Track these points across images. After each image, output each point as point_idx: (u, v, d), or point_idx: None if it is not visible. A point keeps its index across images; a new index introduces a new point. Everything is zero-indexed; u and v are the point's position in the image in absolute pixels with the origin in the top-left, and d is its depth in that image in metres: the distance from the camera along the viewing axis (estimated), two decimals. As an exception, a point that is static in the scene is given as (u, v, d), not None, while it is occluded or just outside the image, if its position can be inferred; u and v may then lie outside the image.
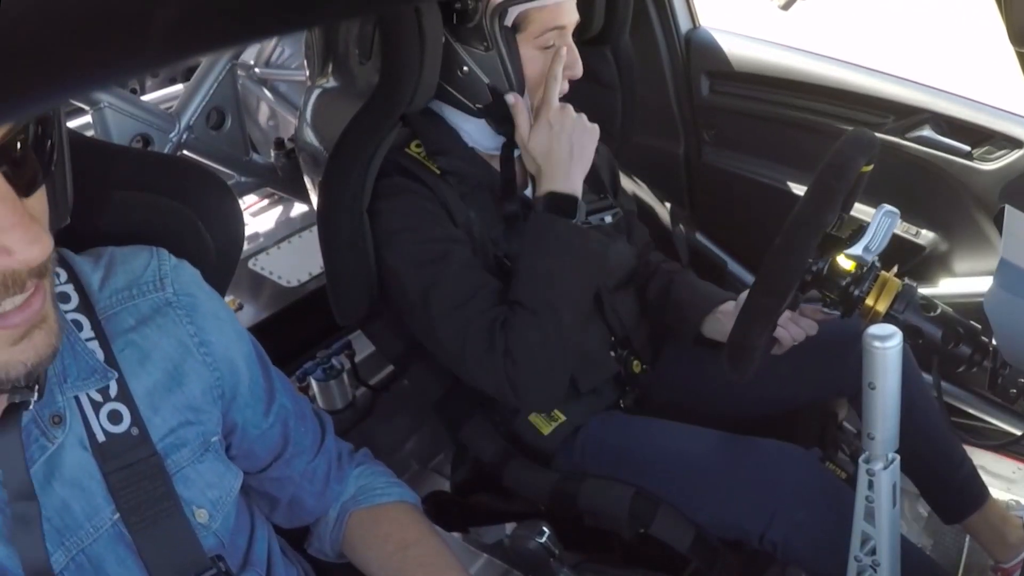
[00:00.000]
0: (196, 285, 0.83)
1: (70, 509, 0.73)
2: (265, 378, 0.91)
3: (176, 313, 0.80)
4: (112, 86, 1.73)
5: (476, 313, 1.14)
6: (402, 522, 0.99)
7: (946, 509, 1.44)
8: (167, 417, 0.78)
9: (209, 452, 0.82)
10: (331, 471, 0.98)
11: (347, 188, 1.15)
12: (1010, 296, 0.95)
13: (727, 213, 1.96)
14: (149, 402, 0.78)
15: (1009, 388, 1.01)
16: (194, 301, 0.82)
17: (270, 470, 0.93)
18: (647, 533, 1.18)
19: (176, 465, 0.79)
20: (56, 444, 0.73)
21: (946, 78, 1.73)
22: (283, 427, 0.92)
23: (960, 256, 1.65)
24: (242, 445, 0.89)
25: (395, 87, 1.12)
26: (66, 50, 0.22)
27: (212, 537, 0.81)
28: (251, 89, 2.34)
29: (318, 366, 1.87)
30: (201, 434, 0.81)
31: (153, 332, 0.79)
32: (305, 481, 0.96)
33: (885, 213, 1.05)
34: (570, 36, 1.19)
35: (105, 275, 0.79)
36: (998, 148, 1.52)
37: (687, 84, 1.88)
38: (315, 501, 0.98)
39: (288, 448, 0.93)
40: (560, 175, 1.18)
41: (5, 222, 0.52)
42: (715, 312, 1.32)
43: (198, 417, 0.81)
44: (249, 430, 0.89)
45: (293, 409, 0.94)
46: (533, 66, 1.17)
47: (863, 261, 1.06)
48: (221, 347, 0.83)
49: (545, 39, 1.16)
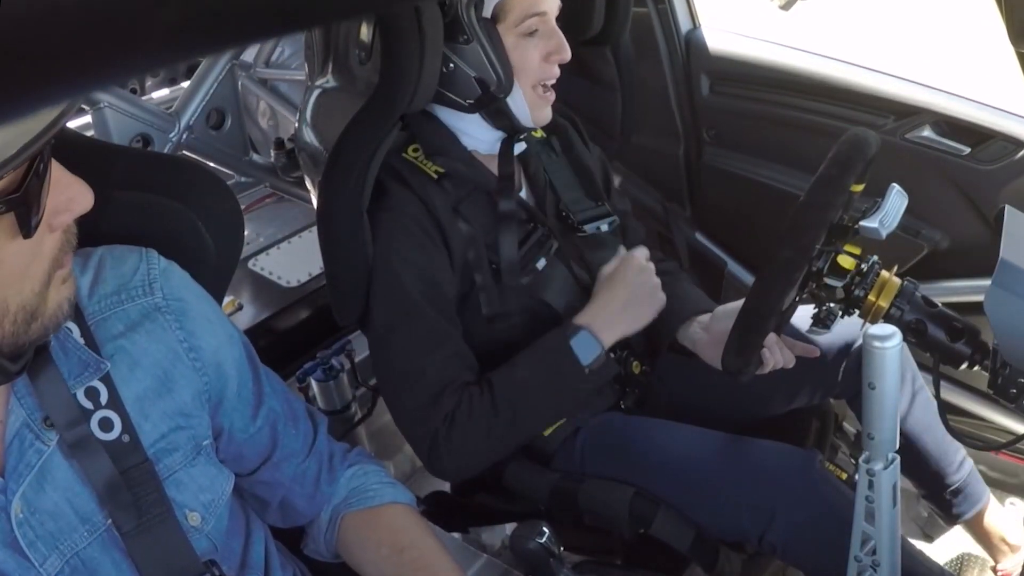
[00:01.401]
0: (186, 288, 0.83)
1: (64, 514, 0.73)
2: (255, 381, 0.90)
3: (165, 318, 0.80)
4: (112, 86, 1.73)
5: (434, 367, 1.15)
6: (396, 525, 0.98)
7: (946, 509, 1.44)
8: (157, 423, 0.79)
9: (201, 456, 0.82)
10: (321, 473, 0.97)
11: (347, 188, 1.15)
12: (1010, 296, 0.95)
13: (727, 213, 1.96)
14: (139, 408, 0.78)
15: (1009, 388, 1.01)
16: (183, 305, 0.82)
17: (258, 473, 0.93)
18: (647, 533, 1.18)
19: (168, 469, 0.79)
20: (52, 447, 0.73)
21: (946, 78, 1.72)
22: (271, 431, 0.92)
23: (960, 256, 1.65)
24: (229, 448, 0.89)
25: (395, 87, 1.12)
26: (67, 50, 0.22)
27: (205, 540, 0.81)
28: (251, 89, 2.34)
29: (318, 366, 1.87)
30: (192, 438, 0.81)
31: (142, 338, 0.79)
32: (295, 484, 0.95)
33: (897, 192, 1.05)
34: (553, 21, 1.18)
35: (94, 280, 0.79)
36: (998, 148, 1.52)
37: (687, 84, 1.88)
38: (306, 503, 0.97)
39: (276, 452, 0.93)
40: (606, 320, 1.20)
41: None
42: (693, 321, 1.30)
43: (188, 422, 0.81)
44: (236, 434, 0.88)
45: (283, 412, 0.93)
46: (518, 54, 1.16)
47: (877, 235, 1.04)
48: (210, 351, 0.83)
49: (527, 26, 1.15)
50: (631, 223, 1.49)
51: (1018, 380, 1.00)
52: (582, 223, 1.32)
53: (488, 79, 1.15)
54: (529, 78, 1.18)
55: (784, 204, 1.25)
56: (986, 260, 1.07)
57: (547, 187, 1.33)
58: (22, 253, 0.63)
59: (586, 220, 1.33)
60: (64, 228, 0.68)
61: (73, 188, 0.66)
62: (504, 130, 1.24)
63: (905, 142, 1.61)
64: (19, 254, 0.63)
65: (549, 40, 1.17)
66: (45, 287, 0.67)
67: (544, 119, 1.24)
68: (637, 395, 1.38)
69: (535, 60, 1.17)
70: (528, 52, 1.17)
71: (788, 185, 1.81)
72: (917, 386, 1.36)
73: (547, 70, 1.19)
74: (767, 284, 1.03)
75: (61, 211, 0.65)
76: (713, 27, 1.87)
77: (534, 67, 1.18)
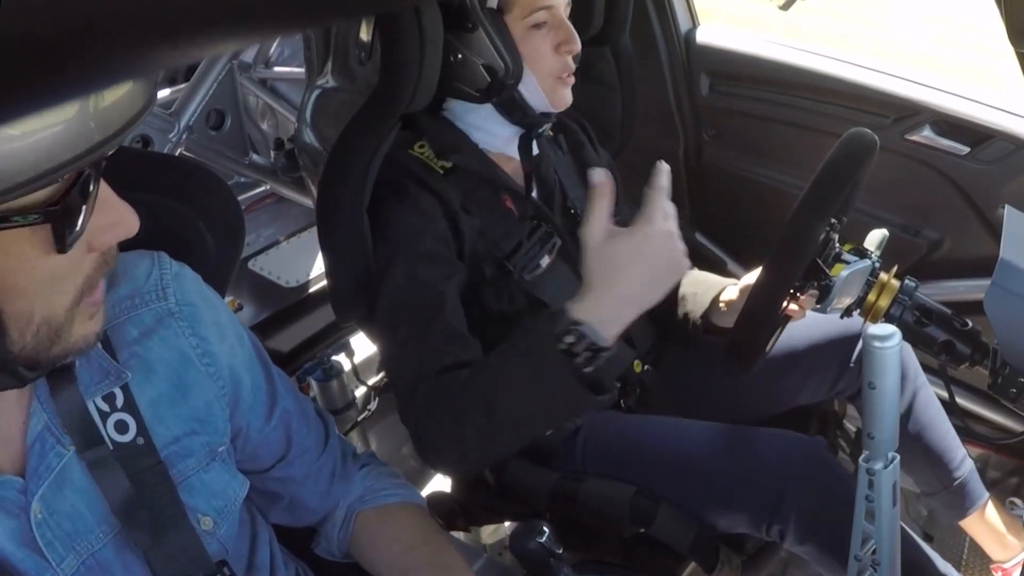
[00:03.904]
0: (197, 293, 0.84)
1: (81, 515, 0.74)
2: (267, 381, 0.91)
3: (178, 324, 0.81)
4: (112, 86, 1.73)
5: (428, 350, 1.07)
6: (409, 523, 0.99)
7: (946, 509, 1.44)
8: (171, 427, 0.79)
9: (215, 461, 0.83)
10: (336, 471, 0.98)
11: (347, 188, 1.15)
12: (1010, 296, 0.95)
13: (727, 212, 1.96)
14: (154, 412, 0.78)
15: (1009, 388, 1.01)
16: (195, 311, 0.82)
17: (274, 470, 0.94)
18: (647, 533, 1.18)
19: (182, 474, 0.80)
20: (72, 451, 0.74)
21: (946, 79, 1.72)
22: (286, 430, 0.93)
23: (960, 256, 1.65)
24: (245, 449, 0.90)
25: (395, 87, 1.12)
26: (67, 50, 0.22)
27: (216, 544, 0.83)
28: (251, 89, 2.34)
29: (318, 366, 1.88)
30: (207, 444, 0.82)
31: (156, 344, 0.80)
32: (309, 481, 0.96)
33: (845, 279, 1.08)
34: (562, 13, 1.18)
35: (108, 284, 0.79)
36: (998, 148, 1.52)
37: (687, 84, 1.88)
38: (319, 500, 0.98)
39: (292, 450, 0.94)
40: (613, 308, 0.93)
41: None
42: (717, 300, 1.30)
43: (203, 427, 0.82)
44: (252, 434, 0.89)
45: (296, 411, 0.94)
46: (527, 45, 1.16)
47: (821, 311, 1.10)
48: (223, 356, 0.83)
49: (533, 19, 1.15)
50: None
51: (1018, 379, 1.00)
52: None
53: (496, 66, 1.14)
54: (543, 69, 1.17)
55: (784, 204, 1.25)
56: (986, 260, 1.07)
57: (556, 186, 1.33)
58: (56, 267, 0.62)
59: None
60: (104, 249, 0.66)
61: (119, 211, 0.65)
62: (519, 124, 1.24)
63: (905, 142, 1.61)
64: (53, 267, 0.62)
65: (558, 32, 1.17)
66: (75, 305, 0.65)
67: (563, 102, 1.22)
68: (639, 395, 1.38)
69: (546, 51, 1.17)
70: (537, 43, 1.16)
71: (788, 185, 1.81)
72: (919, 383, 1.37)
73: (561, 61, 1.18)
74: (766, 286, 1.04)
75: (104, 231, 0.64)
76: (713, 26, 1.88)
77: (547, 58, 1.17)
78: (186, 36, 0.23)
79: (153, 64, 0.24)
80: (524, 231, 1.22)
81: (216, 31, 0.24)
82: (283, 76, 2.33)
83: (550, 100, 1.20)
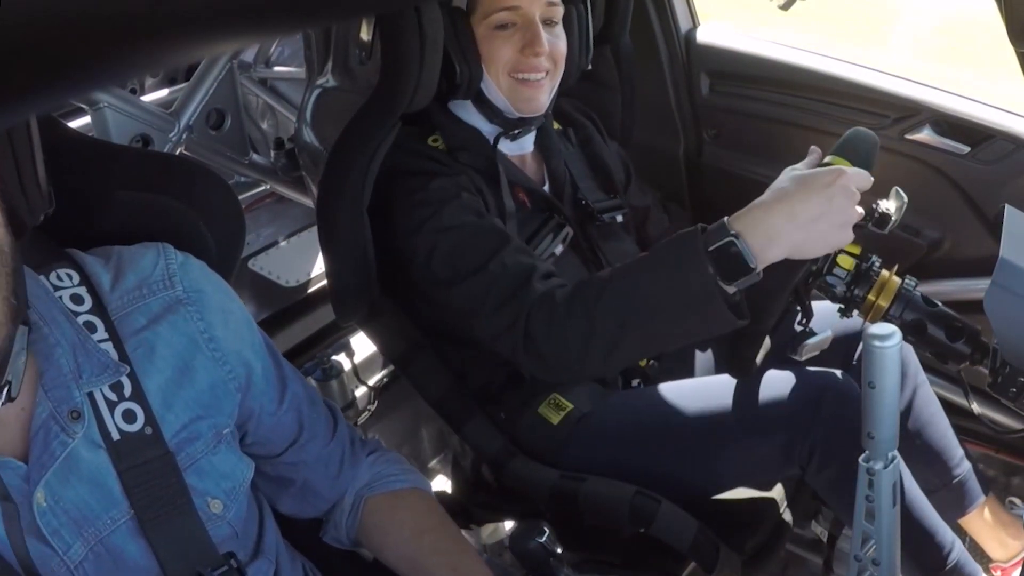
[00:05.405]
0: (204, 279, 0.85)
1: (88, 503, 0.75)
2: (276, 366, 0.92)
3: (187, 310, 0.82)
4: (112, 86, 1.73)
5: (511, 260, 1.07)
6: (418, 509, 1.00)
7: (945, 508, 1.44)
8: (180, 413, 0.80)
9: (222, 444, 0.84)
10: (345, 456, 0.99)
11: (347, 188, 1.15)
12: (1010, 296, 0.95)
13: (727, 213, 1.94)
14: (162, 399, 0.79)
15: (1009, 387, 1.01)
16: (203, 296, 0.83)
17: (285, 455, 0.95)
18: (647, 533, 1.18)
19: (190, 458, 0.81)
20: (76, 439, 0.74)
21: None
22: (297, 413, 0.94)
23: (960, 256, 1.65)
24: (258, 432, 0.91)
25: (395, 86, 1.12)
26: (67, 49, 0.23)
27: (226, 527, 0.84)
28: (251, 89, 2.34)
29: (318, 366, 1.88)
30: (213, 427, 0.83)
31: (165, 330, 0.81)
32: (320, 465, 0.97)
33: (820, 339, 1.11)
34: (533, 14, 1.18)
35: (115, 276, 0.81)
36: (998, 148, 1.52)
37: (687, 84, 1.88)
38: (329, 486, 0.99)
39: (303, 434, 0.95)
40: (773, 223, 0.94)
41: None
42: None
43: (209, 411, 0.83)
44: (264, 418, 0.91)
45: (305, 396, 0.96)
46: (487, 46, 1.18)
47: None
48: (229, 341, 0.85)
49: (496, 19, 1.17)
50: (655, 217, 1.51)
51: (1018, 379, 1.00)
52: (599, 212, 1.33)
53: (460, 65, 1.17)
54: (501, 70, 1.19)
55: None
56: (986, 260, 1.07)
57: (567, 178, 1.34)
58: None
59: (602, 211, 1.34)
60: None
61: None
62: (498, 124, 1.25)
63: (905, 142, 1.61)
64: None
65: (525, 33, 1.18)
66: None
67: (531, 109, 1.23)
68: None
69: (506, 52, 1.18)
70: (496, 44, 1.18)
71: (788, 185, 1.81)
72: (919, 381, 1.37)
73: (522, 62, 1.19)
74: (768, 278, 1.04)
75: None
76: (713, 26, 1.88)
77: (505, 59, 1.19)
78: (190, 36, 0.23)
79: (158, 63, 0.24)
80: (536, 223, 1.23)
81: (219, 31, 0.24)
82: (283, 76, 2.33)
83: (511, 102, 1.21)
